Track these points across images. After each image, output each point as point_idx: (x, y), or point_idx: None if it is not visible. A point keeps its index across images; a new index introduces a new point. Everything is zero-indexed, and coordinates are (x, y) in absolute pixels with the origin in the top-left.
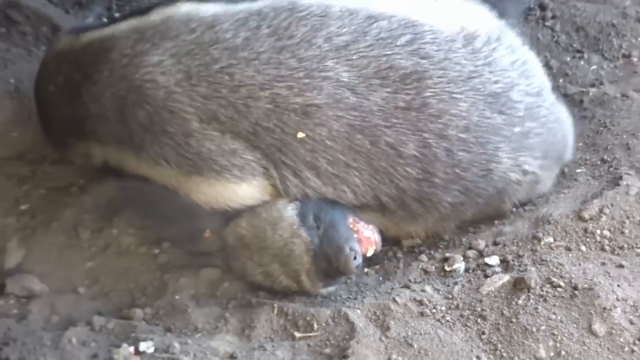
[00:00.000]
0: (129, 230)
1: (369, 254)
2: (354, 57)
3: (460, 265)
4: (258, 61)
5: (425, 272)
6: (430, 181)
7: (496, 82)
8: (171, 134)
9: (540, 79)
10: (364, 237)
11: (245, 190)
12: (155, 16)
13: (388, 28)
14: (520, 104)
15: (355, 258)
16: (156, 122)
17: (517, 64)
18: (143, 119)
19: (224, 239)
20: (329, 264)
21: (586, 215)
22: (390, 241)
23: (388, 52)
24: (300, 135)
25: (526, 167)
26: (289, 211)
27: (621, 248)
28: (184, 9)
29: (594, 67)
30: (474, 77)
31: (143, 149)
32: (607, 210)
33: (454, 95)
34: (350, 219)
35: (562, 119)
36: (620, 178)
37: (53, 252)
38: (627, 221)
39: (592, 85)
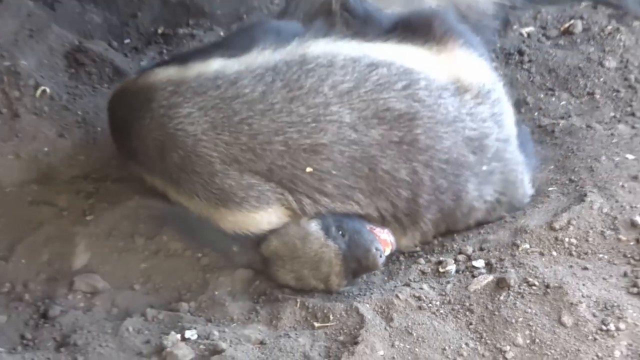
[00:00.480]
0: (177, 237)
1: (387, 253)
2: (356, 101)
3: (452, 267)
4: (272, 111)
5: (423, 272)
6: (416, 201)
7: (474, 129)
8: (199, 174)
9: (511, 128)
10: (382, 239)
11: (262, 217)
12: (191, 71)
13: (387, 74)
14: (491, 148)
15: (381, 256)
16: (187, 164)
17: (495, 116)
18: (177, 160)
19: (260, 254)
20: (359, 263)
21: (557, 225)
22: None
23: (385, 96)
24: (309, 169)
25: (487, 198)
26: (313, 227)
27: (586, 253)
28: (214, 66)
29: (563, 102)
30: (457, 122)
31: (179, 184)
32: (574, 222)
33: (439, 134)
34: (368, 226)
35: (520, 162)
36: (585, 195)
37: (113, 255)
38: (591, 231)
39: (562, 118)
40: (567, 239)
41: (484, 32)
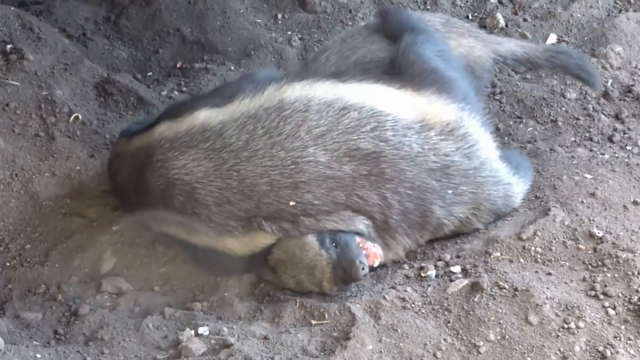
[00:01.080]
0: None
1: (376, 265)
2: (329, 143)
3: (432, 272)
4: (256, 157)
5: (407, 277)
6: (387, 222)
7: (436, 162)
8: (199, 215)
9: (484, 155)
10: (371, 252)
11: (249, 239)
12: (181, 125)
13: (357, 118)
14: (457, 176)
15: (363, 269)
16: (187, 207)
17: (461, 149)
18: (178, 205)
19: (268, 265)
20: (345, 273)
21: (524, 236)
22: None
23: (355, 137)
24: (292, 203)
25: (458, 215)
26: (310, 238)
27: (549, 261)
28: (200, 117)
29: (530, 128)
30: (420, 156)
31: (183, 225)
32: (539, 233)
33: (403, 167)
34: (359, 240)
35: (503, 181)
36: (549, 210)
37: (136, 261)
38: (554, 241)
39: (529, 142)
40: (533, 248)
41: (480, 83)
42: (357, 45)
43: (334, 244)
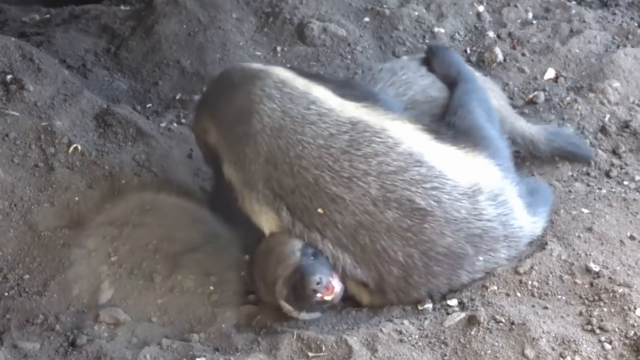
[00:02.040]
0: (190, 277)
1: (327, 298)
2: (388, 183)
3: (429, 306)
4: (325, 150)
5: (404, 310)
6: (407, 280)
7: (478, 227)
8: (250, 157)
9: (517, 224)
10: (331, 285)
11: (258, 209)
12: (297, 81)
13: (423, 174)
14: (490, 243)
15: (318, 284)
16: (248, 145)
17: (500, 215)
18: (242, 137)
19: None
20: (300, 280)
21: (521, 270)
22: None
23: (413, 190)
24: (320, 210)
25: (477, 276)
26: (296, 241)
27: (546, 294)
28: (317, 92)
29: (527, 162)
30: (464, 222)
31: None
32: (536, 267)
33: (444, 232)
34: (334, 272)
35: (527, 237)
36: (546, 244)
37: (134, 291)
38: (551, 275)
39: (526, 176)
40: (530, 282)
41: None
42: (409, 80)
43: (313, 256)
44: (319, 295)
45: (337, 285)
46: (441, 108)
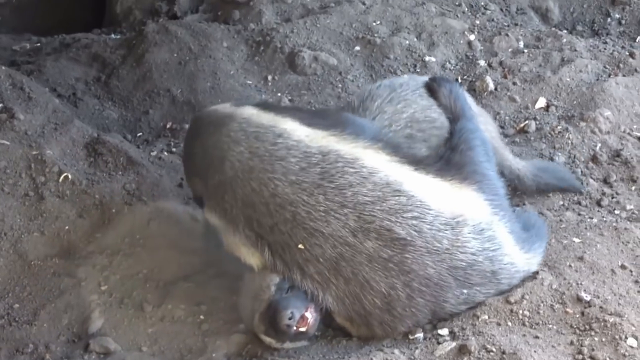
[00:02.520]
0: (180, 306)
1: (302, 330)
2: (366, 213)
3: (420, 335)
4: (298, 186)
5: (395, 339)
6: (391, 312)
7: (462, 260)
8: (226, 200)
9: (506, 260)
10: (305, 316)
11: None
12: (266, 117)
13: (402, 203)
14: (476, 277)
15: (290, 318)
16: (220, 187)
17: (486, 250)
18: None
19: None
20: (273, 315)
21: (512, 299)
22: None
23: (392, 219)
24: (301, 246)
25: (463, 308)
26: (273, 276)
27: (537, 324)
28: (285, 125)
29: (518, 192)
30: (447, 253)
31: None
32: (527, 296)
33: (426, 262)
34: (309, 304)
35: (520, 273)
36: (537, 273)
37: (124, 321)
38: (542, 304)
39: (517, 205)
40: (521, 311)
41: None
42: (408, 97)
43: (288, 290)
44: (291, 324)
45: (310, 317)
46: (439, 130)
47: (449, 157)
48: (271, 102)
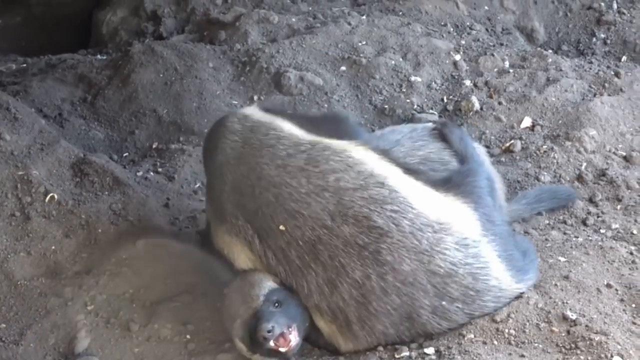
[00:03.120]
0: (167, 326)
1: (281, 350)
2: (346, 199)
3: (406, 354)
4: (283, 168)
5: (381, 358)
6: (367, 307)
7: (440, 267)
8: (214, 191)
9: (492, 282)
10: (287, 336)
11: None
12: (265, 118)
13: (384, 195)
14: (455, 291)
15: (269, 331)
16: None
17: (469, 266)
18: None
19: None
20: (255, 325)
21: (498, 318)
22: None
23: (372, 208)
24: (282, 227)
25: (449, 328)
26: (270, 282)
27: (523, 343)
28: (282, 124)
29: None
30: (425, 254)
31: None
32: (513, 315)
33: (402, 257)
34: (293, 325)
35: (506, 296)
36: (523, 292)
37: (110, 340)
38: (527, 323)
39: None
40: (506, 330)
41: None
42: (426, 138)
43: (277, 303)
44: (271, 343)
45: (293, 339)
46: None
47: (449, 177)
48: (277, 106)
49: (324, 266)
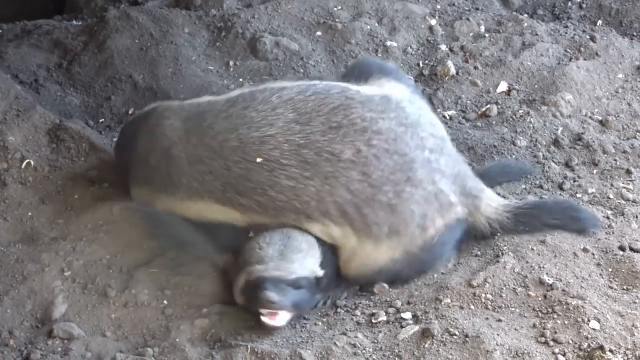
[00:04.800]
0: (144, 291)
1: (265, 321)
2: (299, 104)
3: (383, 319)
4: (231, 117)
5: (358, 323)
6: (368, 182)
7: (405, 118)
8: (170, 174)
9: (443, 132)
10: (280, 317)
11: (213, 207)
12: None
13: (325, 87)
14: (428, 141)
15: (272, 302)
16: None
17: (424, 115)
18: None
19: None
20: (255, 286)
21: (475, 283)
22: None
23: (322, 97)
24: (259, 160)
25: (440, 187)
26: (312, 266)
27: (500, 307)
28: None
29: None
30: (388, 111)
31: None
32: (490, 280)
33: (374, 117)
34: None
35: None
36: (500, 257)
37: (88, 306)
38: (504, 288)
39: None
40: (483, 295)
41: None
42: None
43: (302, 286)
44: (263, 311)
45: (280, 322)
46: None
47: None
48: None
49: (315, 167)
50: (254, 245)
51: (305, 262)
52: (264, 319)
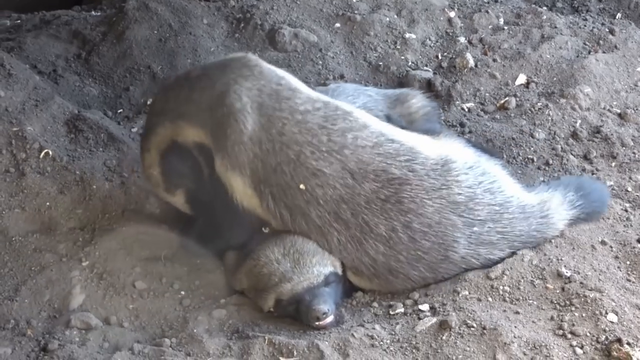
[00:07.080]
0: (162, 281)
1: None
2: (365, 155)
3: (401, 310)
4: (304, 126)
5: (376, 315)
6: (396, 257)
7: (459, 194)
8: (230, 136)
9: (508, 192)
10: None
11: (246, 190)
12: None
13: (396, 148)
14: (481, 212)
15: (324, 314)
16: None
17: (483, 183)
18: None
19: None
20: (310, 300)
21: (492, 275)
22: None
23: (389, 162)
24: (302, 187)
25: (489, 257)
26: (328, 262)
27: (517, 300)
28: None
29: None
30: (443, 189)
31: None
32: (507, 272)
33: (424, 200)
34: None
35: (535, 215)
36: (518, 249)
37: (105, 296)
38: (522, 280)
39: None
40: (501, 287)
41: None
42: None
43: (329, 284)
44: (317, 323)
45: (330, 320)
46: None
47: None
48: None
49: (347, 224)
50: (270, 260)
51: (322, 259)
52: (314, 324)
